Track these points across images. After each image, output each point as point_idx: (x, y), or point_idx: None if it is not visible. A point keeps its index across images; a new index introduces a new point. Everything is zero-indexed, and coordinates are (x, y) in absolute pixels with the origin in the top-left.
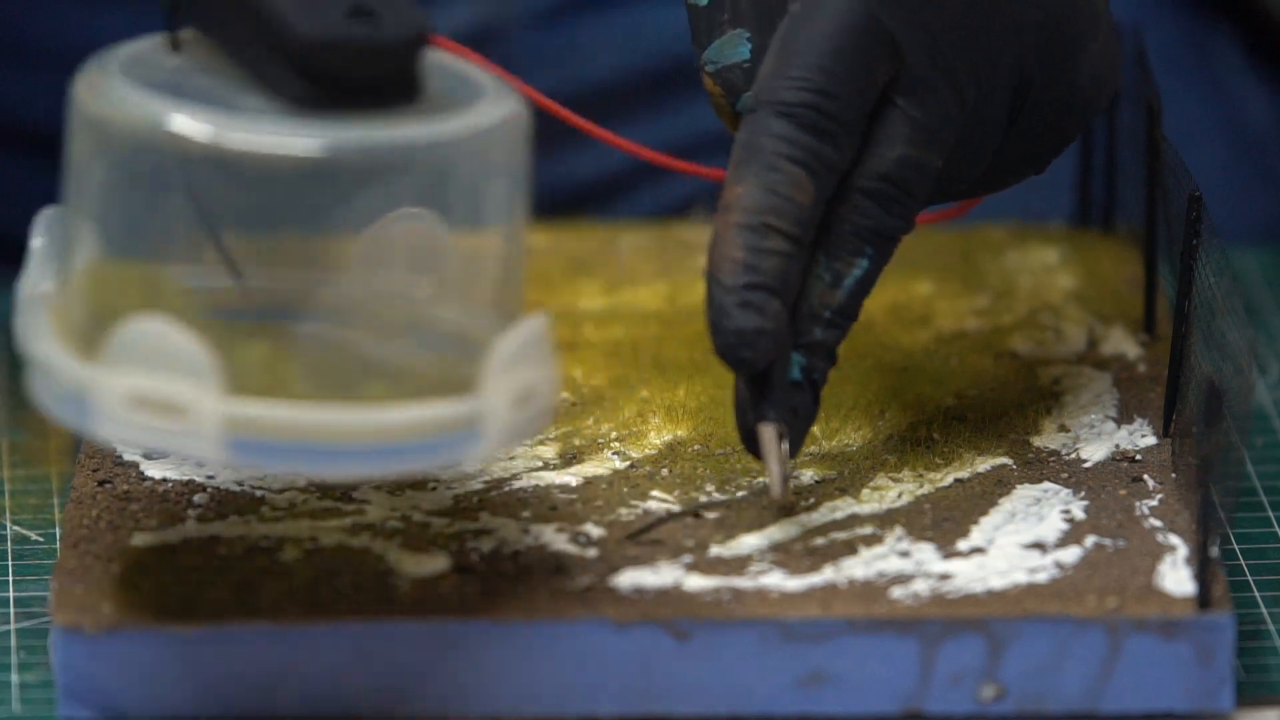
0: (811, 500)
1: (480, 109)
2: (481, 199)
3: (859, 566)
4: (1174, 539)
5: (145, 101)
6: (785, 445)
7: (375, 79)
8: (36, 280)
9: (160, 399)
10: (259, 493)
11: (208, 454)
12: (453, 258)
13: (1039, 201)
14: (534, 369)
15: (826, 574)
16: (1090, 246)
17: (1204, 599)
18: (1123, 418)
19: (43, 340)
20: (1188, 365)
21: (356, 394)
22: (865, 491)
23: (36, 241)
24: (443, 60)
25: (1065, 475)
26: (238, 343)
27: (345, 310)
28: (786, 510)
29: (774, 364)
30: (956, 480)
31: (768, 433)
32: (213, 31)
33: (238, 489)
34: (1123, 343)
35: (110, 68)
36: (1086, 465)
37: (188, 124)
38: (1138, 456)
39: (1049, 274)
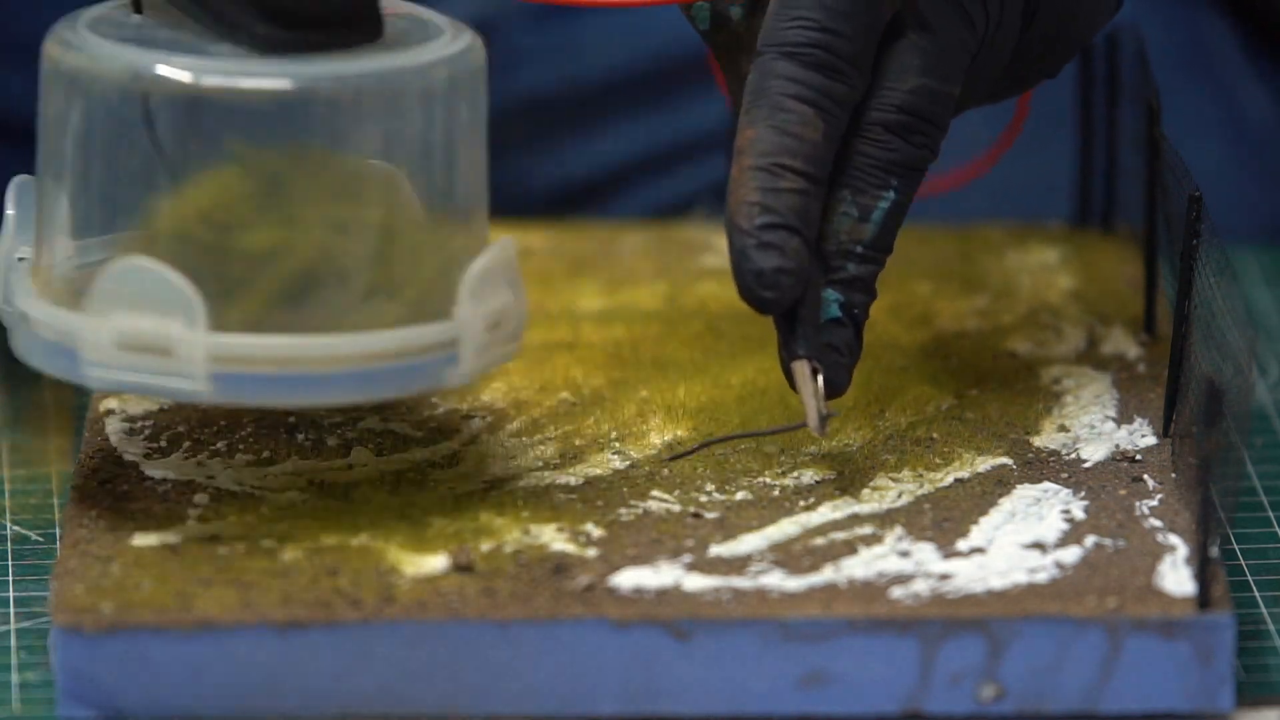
0: (811, 500)
1: (440, 41)
2: (444, 127)
3: (859, 566)
4: (1174, 539)
5: (122, 51)
6: (820, 380)
7: (338, 17)
8: (12, 247)
9: (147, 339)
10: (259, 493)
11: (194, 390)
12: (409, 191)
13: (1039, 201)
14: (505, 292)
15: (826, 574)
16: (1090, 246)
17: (1204, 599)
18: (1123, 418)
19: (25, 297)
20: (1188, 365)
21: (338, 321)
22: (865, 491)
23: (9, 210)
24: (399, 7)
25: (1065, 475)
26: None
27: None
28: (821, 437)
29: (803, 302)
30: (956, 480)
31: (801, 369)
32: None
33: (238, 489)
34: (1123, 343)
35: (79, 26)
36: (1086, 465)
37: (167, 69)
38: (1138, 456)
39: (1049, 274)
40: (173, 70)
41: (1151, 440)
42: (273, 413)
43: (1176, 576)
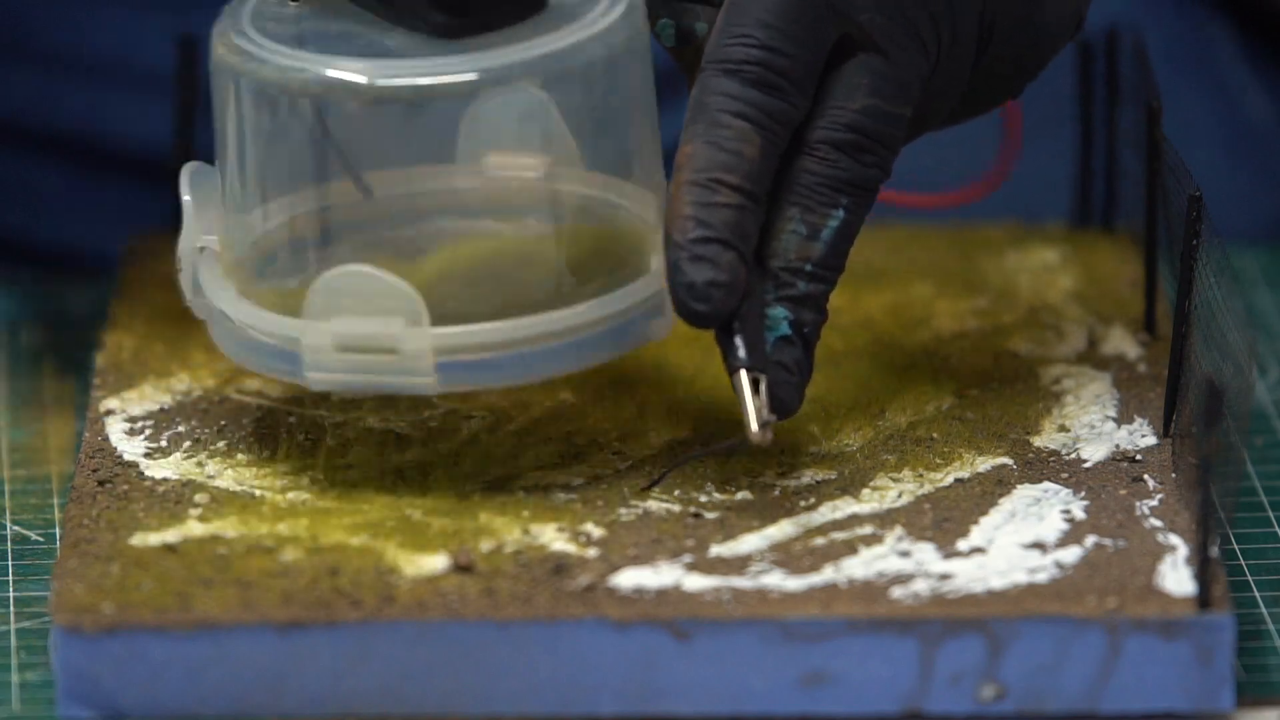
0: (811, 500)
1: (600, 4)
2: (620, 91)
3: (859, 566)
4: (1174, 539)
5: (299, 55)
6: (763, 391)
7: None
8: (194, 236)
9: (369, 340)
10: (259, 493)
11: (419, 385)
12: (565, 131)
13: (1039, 201)
14: None
15: (826, 574)
16: (1090, 246)
17: (1204, 599)
18: (1123, 418)
19: (229, 296)
20: (1188, 365)
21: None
22: (865, 491)
23: (186, 197)
24: None
25: (1065, 475)
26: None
27: (468, 201)
28: (762, 449)
29: (743, 318)
30: (956, 480)
31: (741, 380)
32: None
33: (238, 489)
34: (1123, 343)
35: (243, 24)
36: (1086, 465)
37: (347, 73)
38: (1138, 456)
39: (1049, 274)
40: (351, 74)
41: (1151, 440)
42: (274, 414)
43: (1176, 576)
